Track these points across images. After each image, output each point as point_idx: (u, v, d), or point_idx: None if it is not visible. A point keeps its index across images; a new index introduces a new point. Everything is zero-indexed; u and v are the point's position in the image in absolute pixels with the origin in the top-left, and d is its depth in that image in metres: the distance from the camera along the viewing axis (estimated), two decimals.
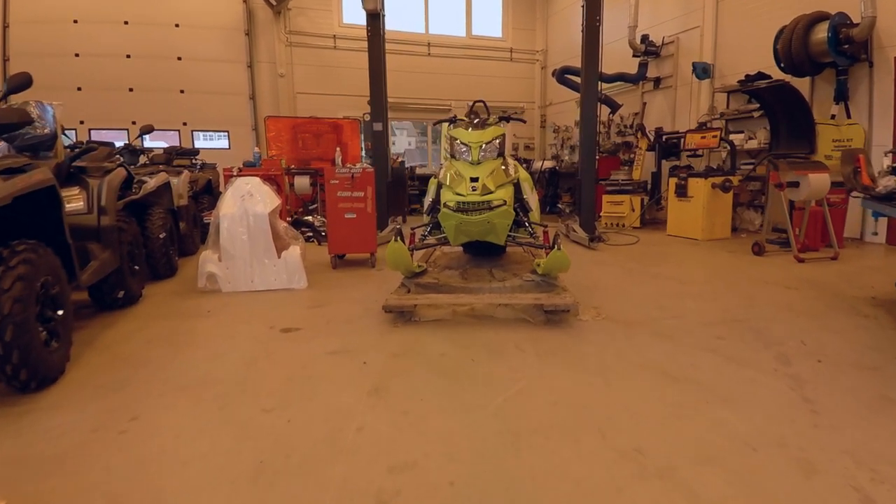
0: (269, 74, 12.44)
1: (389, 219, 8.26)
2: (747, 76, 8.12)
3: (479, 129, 4.05)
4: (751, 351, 3.12)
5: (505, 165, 4.05)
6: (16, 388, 2.59)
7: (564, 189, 11.74)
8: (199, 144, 12.15)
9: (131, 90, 11.66)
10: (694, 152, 8.95)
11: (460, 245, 4.52)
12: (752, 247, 6.44)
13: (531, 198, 4.38)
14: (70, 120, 11.16)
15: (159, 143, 11.73)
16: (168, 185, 5.78)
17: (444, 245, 4.38)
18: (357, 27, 11.35)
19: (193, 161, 8.73)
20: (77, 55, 11.30)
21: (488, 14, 14.33)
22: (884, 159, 5.12)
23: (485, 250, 4.79)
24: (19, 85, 3.19)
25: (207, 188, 8.27)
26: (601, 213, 9.14)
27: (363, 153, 11.65)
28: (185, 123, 12.12)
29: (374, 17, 7.76)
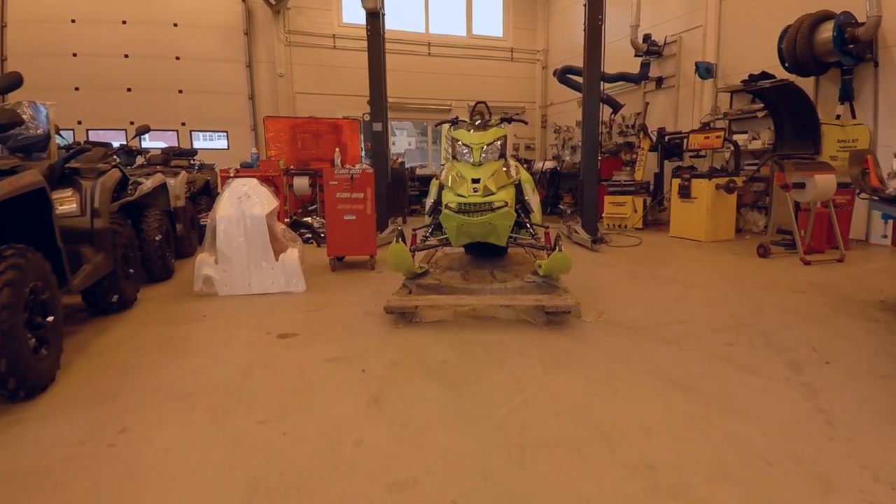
0: (268, 74, 12.36)
1: (389, 220, 8.19)
2: (751, 76, 8.05)
3: (481, 131, 4.05)
4: (761, 358, 3.03)
5: (506, 167, 4.04)
6: (4, 398, 2.51)
7: (566, 190, 11.66)
8: (197, 145, 12.08)
9: (129, 90, 11.59)
10: (697, 153, 8.87)
11: (462, 246, 4.52)
12: (757, 249, 6.35)
13: (532, 199, 4.39)
14: (68, 120, 11.10)
15: (159, 143, 11.66)
16: (164, 186, 5.70)
17: (446, 246, 4.39)
18: (357, 26, 11.26)
19: (191, 162, 8.65)
20: (75, 55, 11.23)
21: (489, 14, 14.25)
22: (893, 161, 5.03)
23: (486, 251, 4.76)
24: (10, 85, 3.12)
25: (205, 189, 8.19)
26: (603, 215, 9.07)
27: (363, 153, 11.57)
28: (183, 124, 12.05)
29: (374, 16, 7.70)
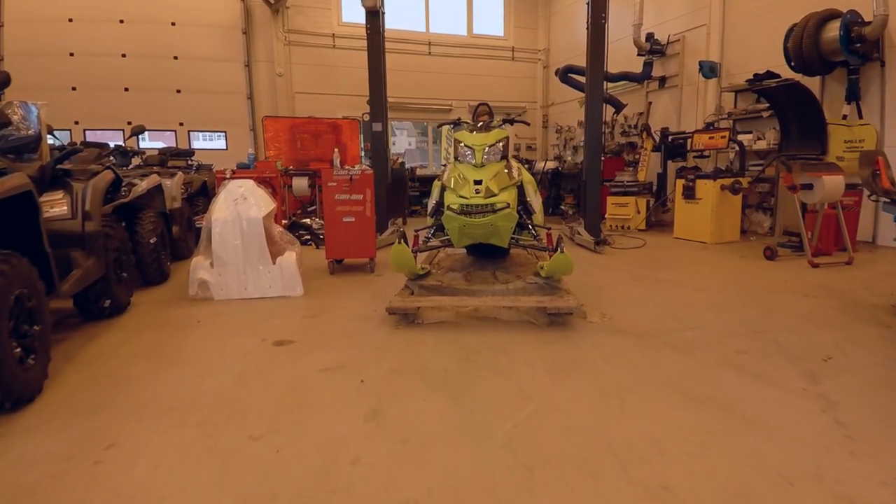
0: (267, 74, 12.26)
1: (389, 221, 8.07)
2: (756, 75, 7.94)
3: (483, 132, 4.10)
4: (776, 367, 2.92)
5: (508, 168, 4.08)
6: None
7: (567, 190, 11.54)
8: (196, 145, 11.98)
9: (127, 90, 11.49)
10: (701, 153, 8.76)
11: (464, 247, 4.52)
12: (763, 251, 6.23)
13: (534, 200, 4.41)
14: (65, 120, 10.99)
15: (158, 143, 11.55)
16: (160, 187, 5.58)
17: (448, 247, 4.42)
18: (356, 26, 11.15)
19: (189, 162, 8.54)
20: (72, 54, 11.13)
21: (490, 13, 14.13)
22: None
23: (488, 253, 4.75)
24: None
25: (203, 190, 8.07)
26: (605, 216, 8.96)
27: (362, 154, 11.46)
28: (181, 124, 11.95)
29: (374, 15, 7.59)
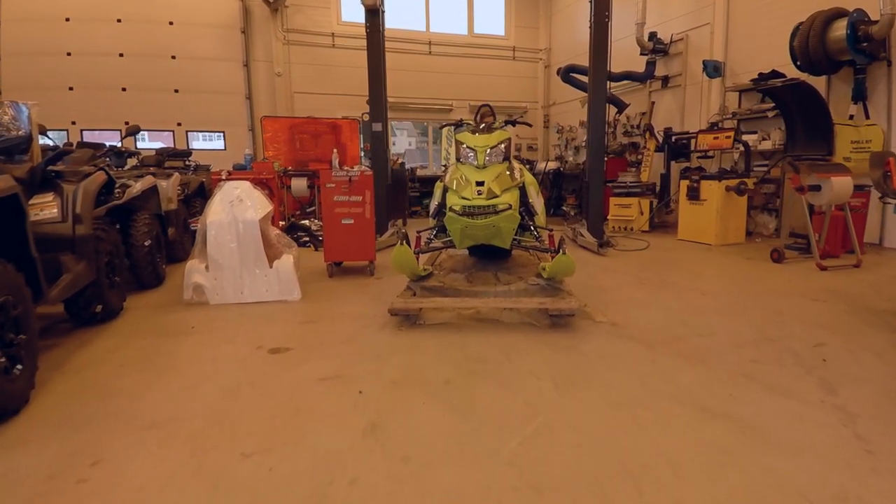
0: (266, 73, 12.15)
1: (389, 223, 7.96)
2: (761, 74, 7.83)
3: (485, 134, 4.10)
4: (791, 378, 2.80)
5: (510, 169, 4.06)
6: None
7: (569, 191, 11.44)
8: (194, 145, 11.86)
9: (124, 90, 11.39)
10: (705, 153, 8.64)
11: (466, 248, 4.49)
12: (770, 253, 6.12)
13: (537, 201, 4.40)
14: (62, 120, 10.90)
15: (157, 144, 11.44)
16: (155, 188, 5.47)
17: (450, 248, 4.39)
18: (356, 25, 11.04)
19: (186, 163, 8.41)
20: (69, 54, 11.03)
21: (491, 12, 14.02)
22: None
23: (490, 254, 4.71)
24: None
25: (200, 191, 7.94)
26: (608, 217, 8.85)
27: (362, 154, 11.35)
28: (179, 124, 11.84)
29: (374, 14, 7.48)
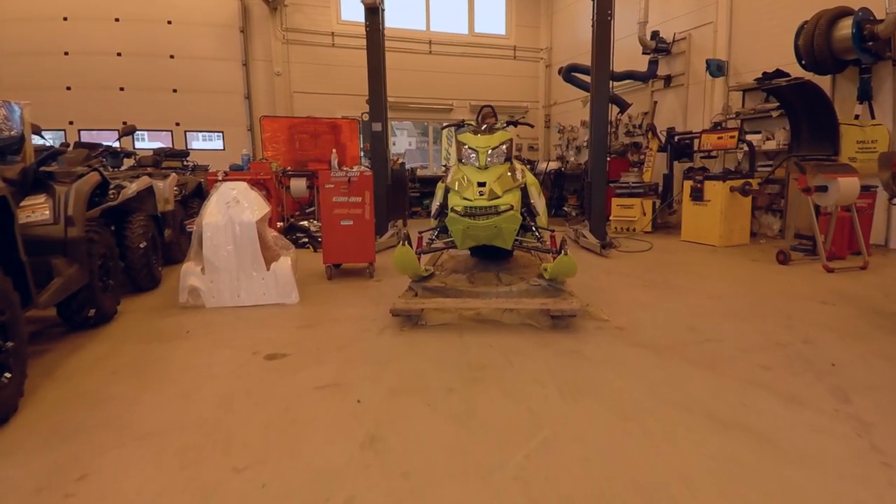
0: (265, 73, 12.06)
1: (389, 223, 7.88)
2: (765, 74, 7.75)
3: (487, 134, 4.07)
4: (804, 385, 2.71)
5: (512, 170, 4.03)
6: None
7: (570, 191, 11.35)
8: (193, 146, 11.77)
9: (122, 89, 11.32)
10: (708, 153, 8.55)
11: (467, 249, 4.44)
12: (776, 255, 6.03)
13: (538, 202, 4.37)
14: (59, 120, 10.82)
15: (156, 144, 11.35)
16: (151, 189, 5.38)
17: (452, 249, 4.38)
18: (356, 24, 10.97)
19: (184, 163, 8.33)
20: (66, 53, 10.96)
21: (491, 11, 13.93)
22: None
23: (492, 254, 4.66)
24: None
25: (198, 191, 7.85)
26: (610, 217, 8.76)
27: (362, 154, 11.26)
28: (177, 124, 11.76)
29: (373, 12, 7.40)
